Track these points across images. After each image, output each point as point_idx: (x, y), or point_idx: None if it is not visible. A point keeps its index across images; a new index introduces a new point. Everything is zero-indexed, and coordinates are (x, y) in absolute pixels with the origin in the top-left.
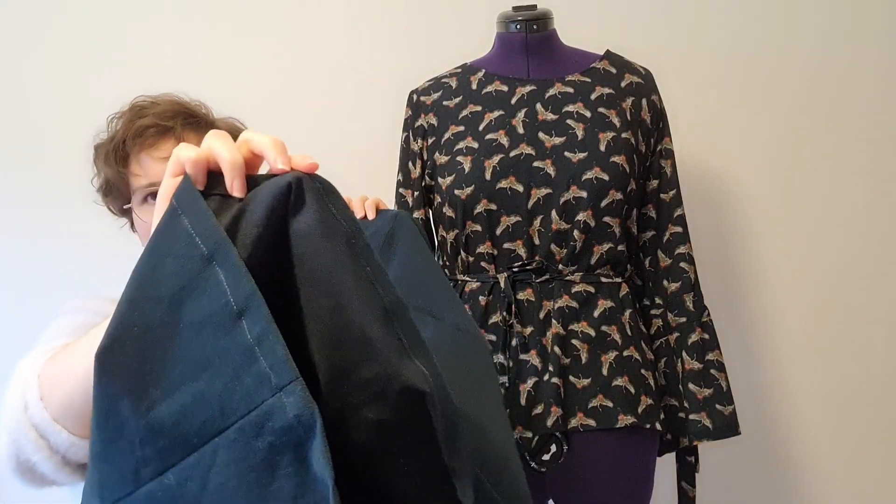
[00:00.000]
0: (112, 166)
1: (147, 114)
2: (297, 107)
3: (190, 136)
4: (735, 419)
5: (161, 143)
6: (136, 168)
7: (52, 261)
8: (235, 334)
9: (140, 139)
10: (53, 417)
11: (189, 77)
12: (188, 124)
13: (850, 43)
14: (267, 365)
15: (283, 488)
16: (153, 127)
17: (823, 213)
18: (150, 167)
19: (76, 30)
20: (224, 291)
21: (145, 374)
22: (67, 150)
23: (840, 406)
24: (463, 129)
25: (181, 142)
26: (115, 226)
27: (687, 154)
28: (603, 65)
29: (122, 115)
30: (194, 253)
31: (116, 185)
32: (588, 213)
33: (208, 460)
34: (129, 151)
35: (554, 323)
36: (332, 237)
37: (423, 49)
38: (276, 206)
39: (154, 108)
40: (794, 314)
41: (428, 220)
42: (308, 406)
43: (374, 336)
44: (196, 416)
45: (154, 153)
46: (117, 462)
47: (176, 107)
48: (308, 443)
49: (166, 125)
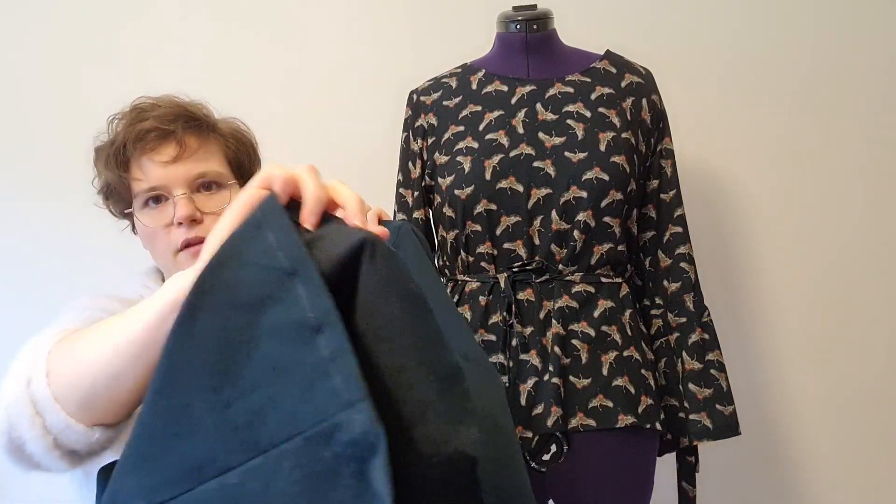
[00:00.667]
0: (113, 170)
1: (148, 117)
2: (297, 106)
3: (191, 139)
4: (735, 419)
5: (162, 147)
6: (138, 172)
7: (51, 259)
8: (312, 347)
9: (141, 143)
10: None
11: (188, 77)
12: (189, 127)
13: (850, 42)
14: (340, 381)
15: (342, 500)
16: (154, 131)
17: (823, 212)
18: (151, 171)
19: (73, 27)
20: (304, 306)
21: (222, 372)
22: (65, 148)
23: (840, 406)
24: (463, 129)
25: (182, 145)
26: (115, 225)
27: (687, 154)
28: (603, 65)
29: (122, 117)
30: (276, 265)
31: (117, 188)
32: (588, 213)
33: (273, 464)
34: (130, 156)
35: (554, 323)
36: (404, 298)
37: (423, 49)
38: (350, 255)
39: (155, 110)
40: (794, 314)
41: (428, 220)
42: (375, 425)
43: (432, 399)
44: (268, 420)
45: (155, 157)
46: (179, 459)
47: (177, 109)
48: (371, 460)
49: (167, 129)
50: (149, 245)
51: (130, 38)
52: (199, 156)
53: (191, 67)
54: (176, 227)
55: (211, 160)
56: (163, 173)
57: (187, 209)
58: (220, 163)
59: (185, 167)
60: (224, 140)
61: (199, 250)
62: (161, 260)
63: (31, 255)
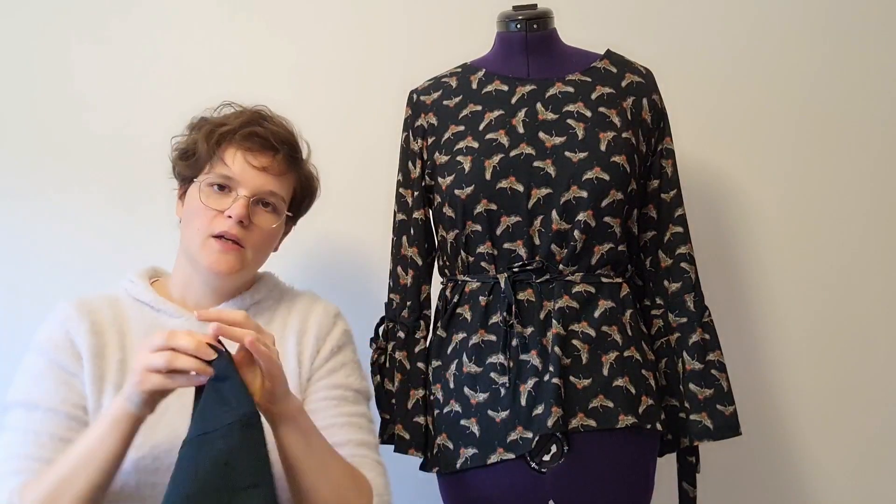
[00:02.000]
0: (210, 143)
1: (266, 126)
2: (297, 106)
3: (283, 164)
4: (736, 419)
5: (261, 154)
6: (229, 158)
7: (50, 258)
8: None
9: (248, 141)
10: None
11: (188, 76)
12: (289, 155)
13: (851, 42)
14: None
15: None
16: (263, 139)
17: (824, 212)
18: (239, 165)
19: (71, 26)
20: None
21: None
22: (68, 145)
23: (841, 406)
24: (463, 128)
25: (275, 163)
26: (116, 225)
27: (687, 154)
28: (603, 64)
29: (241, 112)
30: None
31: (201, 157)
32: (588, 213)
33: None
34: (233, 142)
35: (554, 323)
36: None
37: (423, 49)
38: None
39: (271, 124)
40: (794, 314)
41: (428, 220)
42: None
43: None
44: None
45: (250, 157)
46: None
47: (289, 136)
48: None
49: (275, 145)
50: (188, 217)
51: (132, 38)
52: (280, 178)
53: (191, 66)
54: (225, 217)
55: (284, 187)
56: (246, 173)
57: (243, 210)
58: (288, 193)
59: (264, 179)
60: (301, 179)
61: (227, 247)
62: (192, 234)
63: (30, 252)
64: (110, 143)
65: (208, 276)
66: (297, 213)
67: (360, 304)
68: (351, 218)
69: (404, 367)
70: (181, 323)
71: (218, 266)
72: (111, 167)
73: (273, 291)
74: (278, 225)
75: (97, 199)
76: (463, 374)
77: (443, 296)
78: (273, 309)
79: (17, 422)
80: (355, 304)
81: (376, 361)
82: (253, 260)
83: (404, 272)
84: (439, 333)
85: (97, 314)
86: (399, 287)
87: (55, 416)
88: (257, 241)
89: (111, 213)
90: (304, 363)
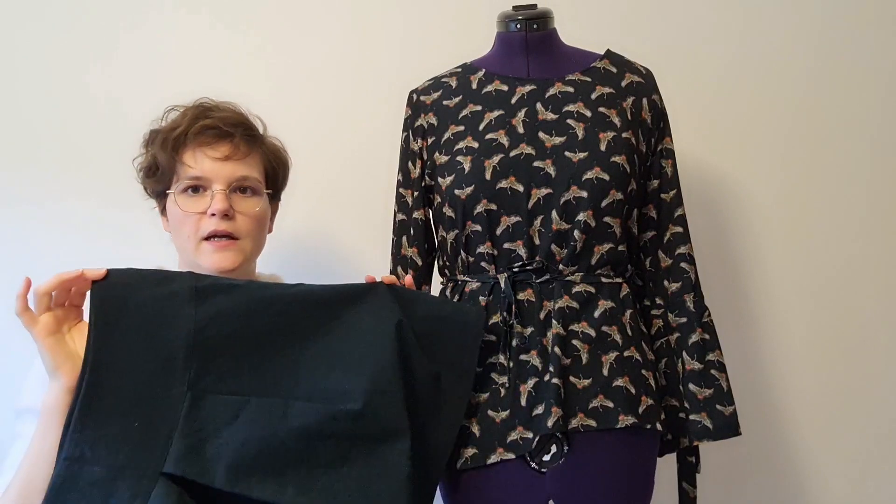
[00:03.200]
0: (168, 152)
1: (212, 115)
2: (297, 107)
3: (243, 145)
4: (736, 419)
5: (218, 145)
6: (190, 160)
7: (51, 257)
8: None
9: (201, 136)
10: None
11: (189, 76)
12: (245, 135)
13: (851, 42)
14: None
15: None
16: (215, 129)
17: (824, 212)
18: (202, 162)
19: (74, 25)
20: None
21: None
22: (63, 147)
23: (841, 406)
24: (463, 128)
25: (235, 147)
26: (116, 224)
27: (687, 154)
28: (603, 64)
29: (185, 112)
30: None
31: (164, 168)
32: (588, 213)
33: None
34: (188, 143)
35: (554, 323)
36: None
37: (423, 49)
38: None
39: (218, 112)
40: (794, 314)
41: (428, 220)
42: None
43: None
44: None
45: (209, 151)
46: None
47: (239, 117)
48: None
49: (228, 130)
50: (175, 228)
51: (131, 38)
52: (246, 161)
53: (190, 67)
54: (208, 217)
55: (254, 167)
56: (211, 166)
57: (223, 203)
58: (260, 172)
59: (231, 167)
60: (268, 154)
61: (222, 245)
62: (184, 243)
63: (31, 254)
64: (111, 143)
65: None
66: (277, 189)
67: None
68: (351, 218)
69: None
70: None
71: (220, 265)
72: (112, 167)
73: None
74: (262, 206)
75: (98, 198)
76: None
77: (443, 296)
78: None
79: (27, 430)
80: None
81: None
82: (251, 248)
83: (404, 272)
84: None
85: None
86: None
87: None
88: (249, 228)
89: (112, 213)
90: None
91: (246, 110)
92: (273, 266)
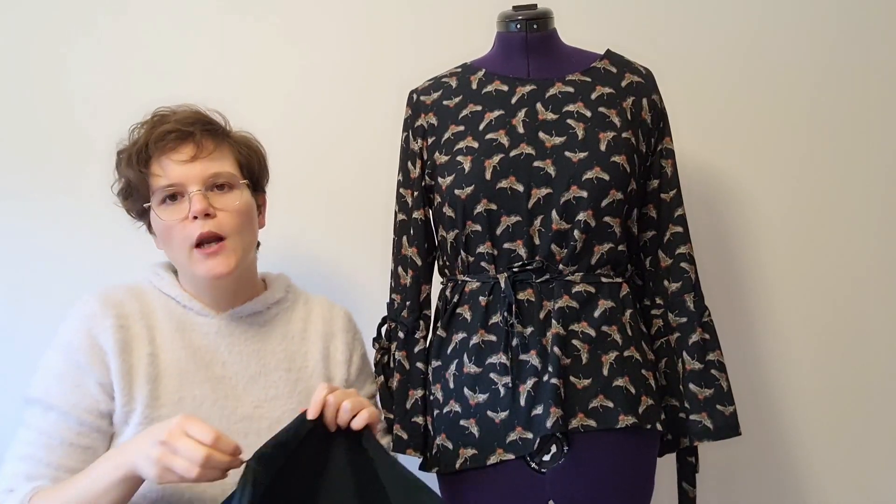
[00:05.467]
0: (133, 168)
1: (169, 120)
2: (296, 106)
3: (207, 141)
4: (736, 419)
5: (181, 147)
6: (158, 169)
7: (50, 257)
8: None
9: (162, 143)
10: None
11: (189, 77)
12: (206, 131)
13: (851, 42)
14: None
15: None
16: (174, 132)
17: (824, 212)
18: (170, 169)
19: (71, 23)
20: None
21: None
22: (68, 145)
23: (841, 406)
24: (463, 128)
25: (199, 146)
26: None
27: (687, 154)
28: (603, 64)
29: (143, 124)
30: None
31: (137, 186)
32: (588, 212)
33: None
34: (152, 154)
35: (554, 323)
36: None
37: (423, 49)
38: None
39: (174, 115)
40: (794, 314)
41: (428, 220)
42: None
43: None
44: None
45: (174, 156)
46: None
47: (195, 115)
48: None
49: (187, 130)
50: (165, 241)
51: (130, 39)
52: (214, 157)
53: (189, 68)
54: (191, 220)
55: (224, 162)
56: (181, 171)
57: (202, 204)
58: (233, 165)
59: (201, 166)
60: (237, 146)
61: (212, 251)
62: (176, 255)
63: (31, 250)
64: (111, 143)
65: (213, 282)
66: (256, 180)
67: (360, 304)
68: (351, 218)
69: (403, 367)
70: (207, 321)
71: (214, 271)
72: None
73: (290, 291)
74: (243, 199)
75: (98, 197)
76: (463, 374)
77: (443, 296)
78: (292, 308)
79: (33, 420)
80: (355, 304)
81: (379, 362)
82: (242, 244)
83: (404, 272)
84: (439, 333)
85: (122, 307)
86: (399, 287)
87: (67, 420)
88: (234, 224)
89: (112, 213)
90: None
91: (203, 107)
92: (273, 266)
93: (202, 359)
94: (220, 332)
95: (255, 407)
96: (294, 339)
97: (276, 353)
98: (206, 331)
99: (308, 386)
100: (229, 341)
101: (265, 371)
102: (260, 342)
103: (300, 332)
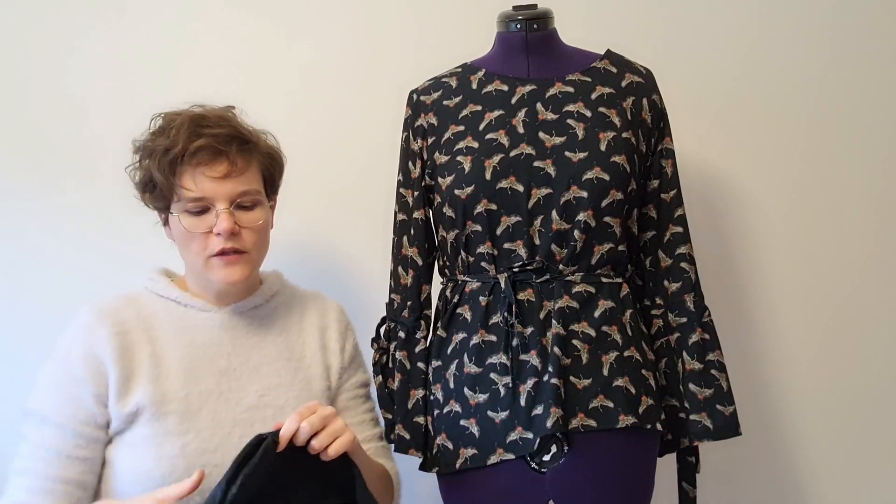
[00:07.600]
0: (164, 174)
1: (205, 133)
2: (296, 106)
3: (240, 160)
4: (736, 419)
5: (215, 164)
6: (189, 182)
7: (51, 257)
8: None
9: (196, 157)
10: None
11: (189, 77)
12: (241, 150)
13: (851, 42)
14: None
15: None
16: (209, 149)
17: (824, 212)
18: (201, 183)
19: (71, 23)
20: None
21: None
22: (68, 145)
23: (841, 406)
24: (463, 128)
25: (232, 164)
26: (116, 224)
27: (687, 154)
28: (603, 64)
29: (178, 126)
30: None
31: (162, 188)
32: (588, 213)
33: None
34: (185, 165)
35: (554, 323)
36: None
37: (423, 49)
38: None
39: (211, 128)
40: (794, 314)
41: (428, 220)
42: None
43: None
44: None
45: (207, 172)
46: None
47: (232, 131)
48: None
49: (222, 149)
50: (182, 244)
51: (130, 39)
52: (245, 175)
53: (189, 68)
54: (215, 236)
55: (252, 180)
56: (211, 187)
57: (229, 223)
58: (259, 182)
59: (231, 184)
60: (264, 161)
61: (231, 259)
62: (192, 258)
63: (31, 254)
64: (113, 143)
65: (223, 286)
66: (274, 191)
67: (360, 303)
68: (351, 218)
69: (404, 367)
70: (210, 316)
71: (230, 279)
72: (112, 166)
73: (285, 287)
74: (265, 217)
75: (98, 197)
76: (463, 374)
77: (443, 296)
78: (289, 302)
79: (31, 433)
80: (355, 303)
81: (378, 362)
82: (260, 257)
83: (405, 272)
84: (439, 333)
85: (118, 314)
86: (399, 287)
87: (64, 434)
88: (255, 240)
89: (112, 212)
90: (333, 359)
91: (237, 117)
92: (274, 265)
93: (206, 354)
94: (224, 325)
95: (259, 396)
96: (292, 330)
97: (277, 343)
98: (210, 325)
99: (307, 375)
100: (232, 334)
101: (267, 361)
102: (261, 334)
103: (297, 324)
